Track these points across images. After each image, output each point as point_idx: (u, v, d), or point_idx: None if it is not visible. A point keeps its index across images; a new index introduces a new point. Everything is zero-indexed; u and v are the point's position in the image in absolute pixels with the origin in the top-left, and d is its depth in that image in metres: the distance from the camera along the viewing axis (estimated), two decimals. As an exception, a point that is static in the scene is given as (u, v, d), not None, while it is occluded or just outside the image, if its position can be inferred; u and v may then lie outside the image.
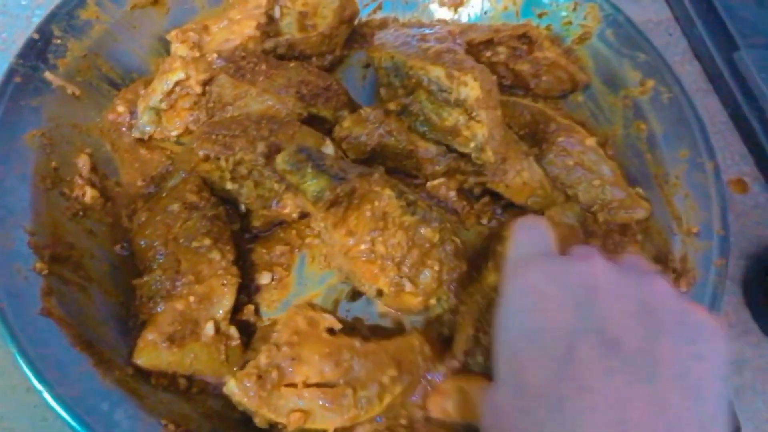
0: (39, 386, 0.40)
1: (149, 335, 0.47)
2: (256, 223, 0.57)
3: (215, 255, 0.52)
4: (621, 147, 0.63)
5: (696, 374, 0.33)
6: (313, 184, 0.49)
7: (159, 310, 0.49)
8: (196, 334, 0.49)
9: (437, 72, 0.55)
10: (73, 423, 0.40)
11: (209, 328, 0.49)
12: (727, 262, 0.52)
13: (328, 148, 0.55)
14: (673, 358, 0.33)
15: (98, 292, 0.50)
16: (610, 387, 0.32)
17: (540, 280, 0.38)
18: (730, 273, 0.53)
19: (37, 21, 0.67)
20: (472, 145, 0.56)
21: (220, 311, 0.50)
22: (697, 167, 0.58)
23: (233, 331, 0.50)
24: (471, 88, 0.53)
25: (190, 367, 0.48)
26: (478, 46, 0.64)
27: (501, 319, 0.39)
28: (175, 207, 0.54)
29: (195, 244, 0.52)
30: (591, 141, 0.59)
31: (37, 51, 0.55)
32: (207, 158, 0.55)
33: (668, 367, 0.33)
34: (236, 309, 0.52)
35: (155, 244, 0.52)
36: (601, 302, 0.35)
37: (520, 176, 0.56)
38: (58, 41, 0.56)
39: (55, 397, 0.40)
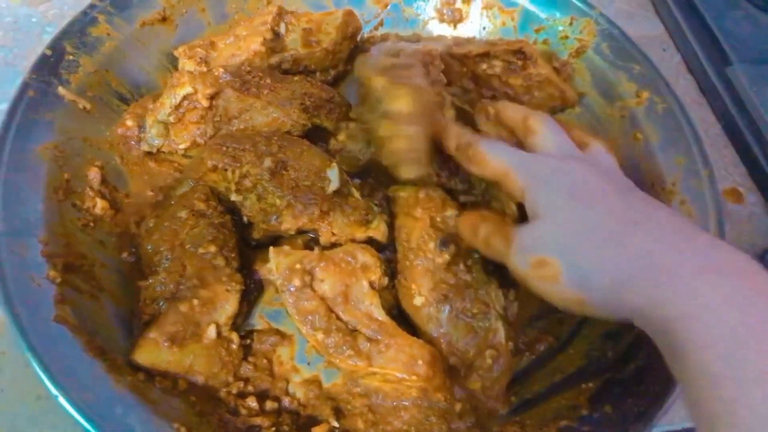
0: (55, 391, 0.41)
1: (151, 333, 0.48)
2: (256, 235, 0.58)
3: (220, 261, 0.53)
4: (618, 157, 0.64)
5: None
6: None
7: (162, 310, 0.50)
8: (197, 336, 0.49)
9: (379, 82, 0.55)
10: (89, 427, 0.40)
11: (211, 331, 0.50)
12: (724, 266, 0.53)
13: (333, 172, 0.56)
14: None
15: (109, 301, 0.51)
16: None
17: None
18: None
19: (47, 38, 0.69)
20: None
21: (223, 316, 0.51)
22: (693, 174, 0.59)
23: (234, 336, 0.52)
24: (401, 103, 0.53)
25: (189, 368, 0.49)
26: (475, 58, 0.66)
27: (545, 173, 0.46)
28: (183, 214, 0.55)
29: (201, 250, 0.53)
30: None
31: (50, 66, 0.56)
32: (215, 168, 0.56)
33: None
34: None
35: (162, 249, 0.53)
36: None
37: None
38: (71, 57, 0.57)
39: (71, 402, 0.41)
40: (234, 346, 0.51)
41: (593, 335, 0.55)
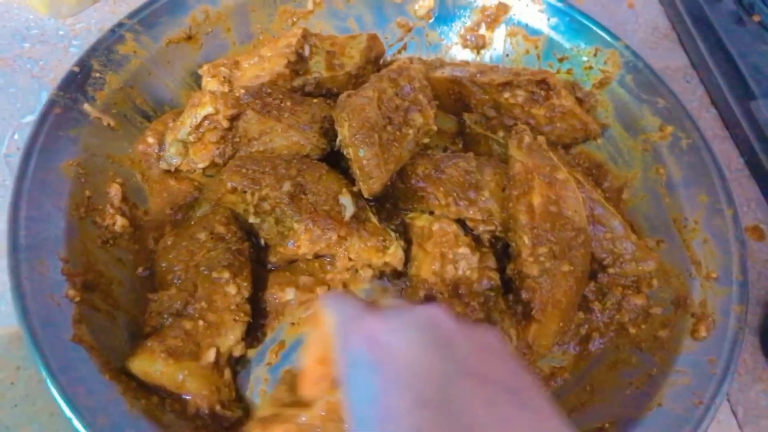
0: (69, 413, 0.41)
1: (149, 342, 0.48)
2: (273, 258, 0.58)
3: (231, 289, 0.52)
4: (639, 190, 0.64)
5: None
6: None
7: (167, 323, 0.50)
8: (195, 355, 0.49)
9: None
10: (101, 450, 0.40)
11: (210, 354, 0.49)
12: (746, 308, 0.53)
13: (346, 199, 0.56)
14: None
15: (124, 320, 0.51)
16: (498, 415, 0.31)
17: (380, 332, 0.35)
18: (747, 320, 0.53)
19: (73, 51, 0.70)
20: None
21: (225, 343, 0.51)
22: (716, 213, 0.58)
23: (227, 371, 0.51)
24: (343, 127, 0.56)
25: (180, 384, 0.48)
26: (498, 87, 0.66)
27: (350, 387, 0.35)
28: (202, 235, 0.55)
29: (215, 274, 0.53)
30: (597, 195, 0.60)
31: (77, 84, 0.57)
32: (234, 190, 0.56)
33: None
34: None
35: (176, 268, 0.53)
36: (455, 341, 0.35)
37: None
38: (97, 74, 0.58)
39: (85, 425, 0.41)
40: (226, 377, 0.51)
41: (611, 374, 0.54)
